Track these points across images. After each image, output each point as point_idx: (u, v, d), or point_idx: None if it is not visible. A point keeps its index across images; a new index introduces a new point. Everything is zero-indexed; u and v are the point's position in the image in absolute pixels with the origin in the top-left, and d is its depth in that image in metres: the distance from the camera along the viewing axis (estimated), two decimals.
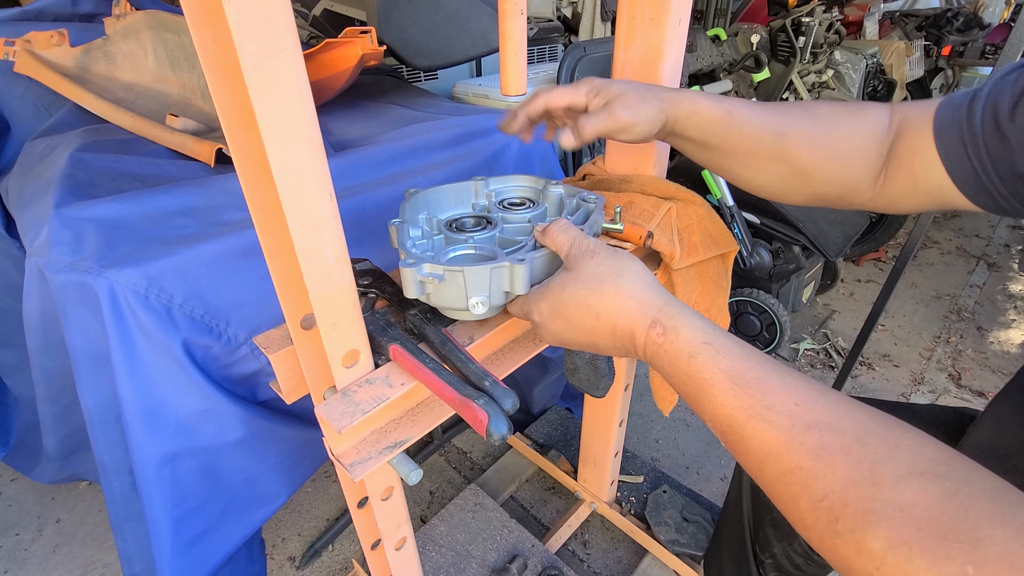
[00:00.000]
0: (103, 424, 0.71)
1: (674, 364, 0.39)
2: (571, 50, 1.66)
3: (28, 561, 1.25)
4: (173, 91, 1.24)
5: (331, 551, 1.28)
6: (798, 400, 0.33)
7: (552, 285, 0.45)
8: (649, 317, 0.40)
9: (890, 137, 0.54)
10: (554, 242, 0.47)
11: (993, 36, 3.95)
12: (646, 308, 0.41)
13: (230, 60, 0.31)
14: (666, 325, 0.39)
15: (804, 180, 0.56)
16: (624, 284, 0.42)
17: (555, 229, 0.47)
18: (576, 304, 0.43)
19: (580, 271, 0.44)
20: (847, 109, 0.56)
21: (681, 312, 0.40)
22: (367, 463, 0.47)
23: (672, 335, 0.39)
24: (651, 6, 0.58)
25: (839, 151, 0.54)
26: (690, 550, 1.08)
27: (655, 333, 0.40)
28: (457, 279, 0.46)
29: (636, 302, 0.41)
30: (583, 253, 0.44)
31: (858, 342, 1.52)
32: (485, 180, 0.61)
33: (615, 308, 0.42)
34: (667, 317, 0.40)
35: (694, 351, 0.38)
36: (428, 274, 0.45)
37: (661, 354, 0.40)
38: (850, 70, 2.70)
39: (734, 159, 0.58)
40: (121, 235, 0.70)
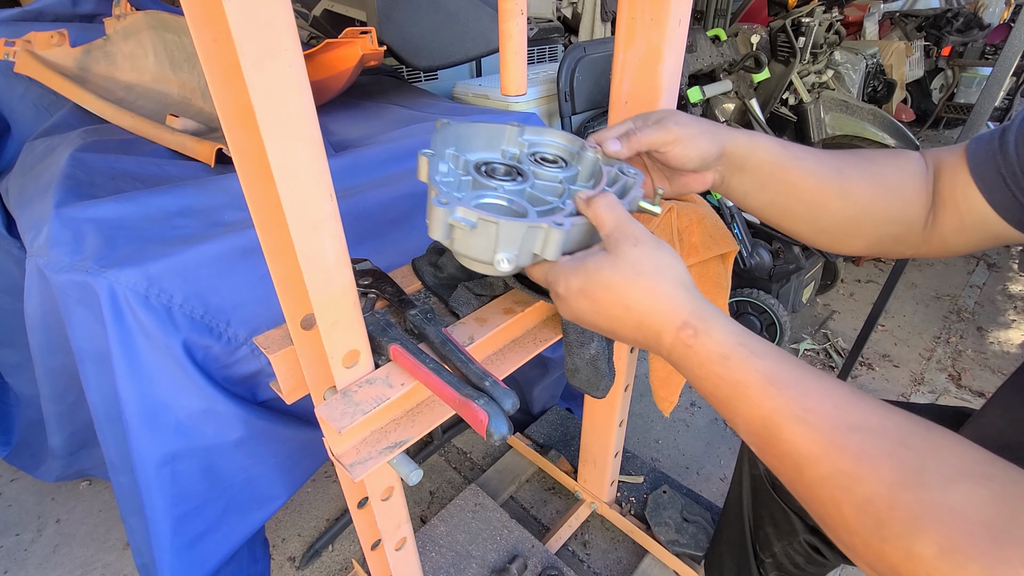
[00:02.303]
0: (110, 421, 0.71)
1: (704, 365, 0.38)
2: (571, 50, 1.66)
3: (28, 561, 1.25)
4: (173, 91, 1.24)
5: (331, 551, 1.28)
6: (837, 402, 0.33)
7: (587, 263, 0.42)
8: (680, 318, 0.39)
9: (930, 178, 0.54)
10: (597, 216, 0.44)
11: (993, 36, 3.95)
12: (678, 309, 0.40)
13: (230, 60, 0.31)
14: (697, 327, 0.38)
15: (865, 220, 0.55)
16: (662, 282, 0.40)
17: (601, 203, 0.44)
18: (608, 289, 0.41)
19: (620, 256, 0.41)
20: (885, 152, 0.56)
21: (713, 315, 0.39)
22: (367, 463, 0.47)
23: (704, 336, 0.38)
24: (651, 6, 0.58)
25: (894, 188, 0.54)
26: (690, 550, 1.08)
27: (685, 335, 0.39)
28: (489, 230, 0.42)
29: (669, 301, 0.40)
30: (626, 238, 0.42)
31: (858, 342, 1.52)
32: (520, 127, 0.57)
33: (647, 304, 0.40)
34: (698, 319, 0.39)
35: (728, 352, 0.37)
36: (460, 218, 0.42)
37: (690, 355, 0.39)
38: (850, 70, 2.70)
39: (796, 199, 0.56)
40: (121, 235, 0.70)
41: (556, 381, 1.41)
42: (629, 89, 0.65)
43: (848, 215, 0.55)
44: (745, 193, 0.58)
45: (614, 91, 0.66)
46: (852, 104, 2.33)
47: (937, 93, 4.08)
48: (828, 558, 0.75)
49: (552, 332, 0.62)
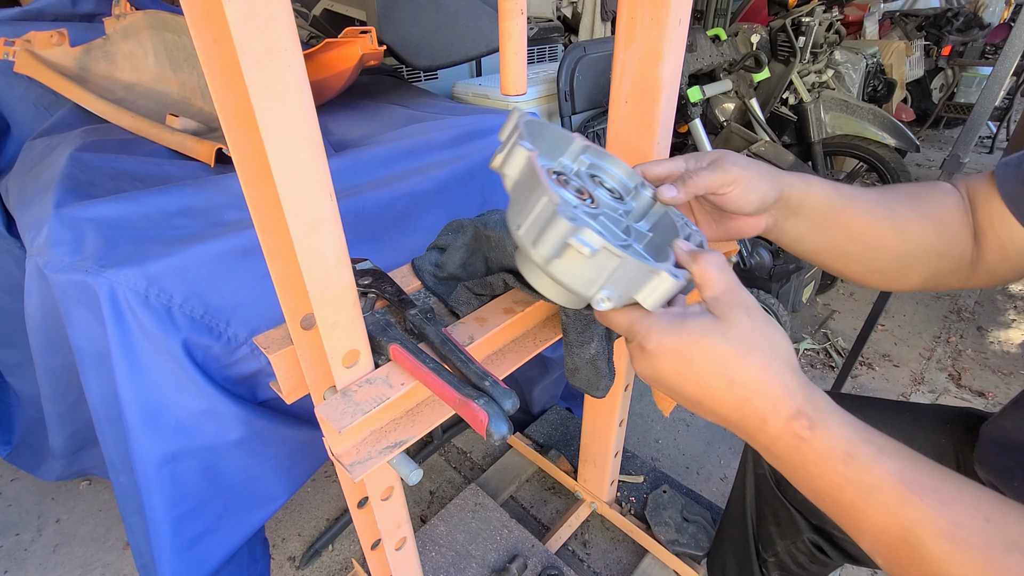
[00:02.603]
0: (110, 421, 0.71)
1: (823, 463, 0.34)
2: (571, 50, 1.66)
3: (28, 561, 1.25)
4: (173, 91, 1.24)
5: (331, 551, 1.28)
6: (988, 515, 0.30)
7: (692, 324, 0.37)
8: (793, 405, 0.35)
9: (968, 208, 0.54)
10: (704, 274, 0.39)
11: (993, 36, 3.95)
12: (791, 395, 0.35)
13: (230, 60, 0.31)
14: (813, 417, 0.34)
15: (920, 256, 0.54)
16: (775, 361, 0.36)
17: (712, 261, 0.39)
18: (712, 358, 0.36)
19: (732, 324, 0.37)
20: (924, 186, 0.55)
21: (830, 405, 0.35)
22: (367, 463, 0.47)
23: (822, 429, 0.34)
24: (651, 6, 0.58)
25: (943, 221, 0.53)
26: (690, 550, 1.08)
27: (799, 425, 0.35)
28: (607, 264, 0.37)
29: (782, 385, 0.35)
30: (738, 305, 0.37)
31: (858, 342, 1.52)
32: (585, 143, 0.51)
33: (756, 383, 0.36)
34: (814, 408, 0.35)
35: (852, 449, 0.33)
36: (583, 241, 0.35)
37: (804, 449, 0.35)
38: (850, 70, 2.70)
39: (852, 240, 0.54)
40: (121, 235, 0.70)
41: (556, 381, 1.41)
42: (629, 89, 0.65)
43: (903, 252, 0.54)
44: (799, 237, 0.55)
45: (614, 91, 0.66)
46: (852, 104, 2.33)
47: (937, 93, 4.08)
48: (831, 557, 0.75)
49: (552, 332, 0.62)
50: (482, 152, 1.05)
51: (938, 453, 0.66)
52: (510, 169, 0.42)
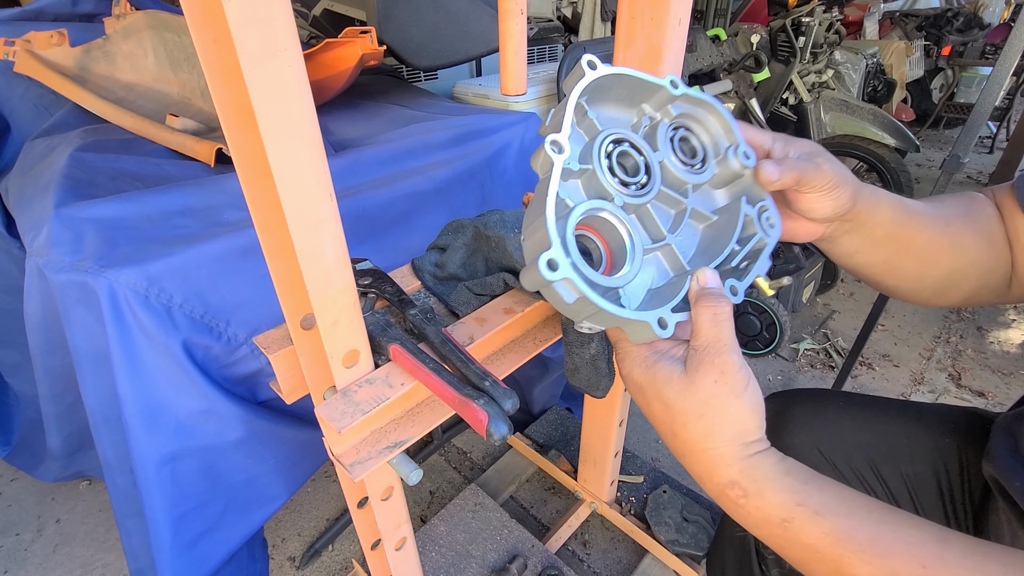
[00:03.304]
0: (106, 422, 0.71)
1: (763, 527, 0.36)
2: (571, 50, 1.66)
3: (28, 561, 1.25)
4: (173, 91, 1.24)
5: (331, 551, 1.28)
6: (924, 561, 0.31)
7: (659, 369, 0.39)
8: (727, 476, 0.37)
9: (1001, 219, 0.53)
10: (695, 322, 0.39)
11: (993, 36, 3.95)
12: (727, 466, 0.37)
13: (230, 60, 0.31)
14: (747, 488, 0.36)
15: (970, 271, 0.53)
16: (717, 434, 0.37)
17: (709, 313, 0.38)
18: (665, 407, 0.39)
19: (695, 385, 0.38)
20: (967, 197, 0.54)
21: (769, 472, 0.36)
22: (367, 463, 0.47)
23: (756, 499, 0.36)
24: (651, 6, 0.58)
25: (989, 234, 0.52)
26: (690, 550, 1.08)
27: (733, 493, 0.37)
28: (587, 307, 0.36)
29: (719, 456, 0.37)
30: (711, 367, 0.37)
31: (858, 342, 1.52)
32: (679, 88, 0.44)
33: (696, 445, 0.38)
34: (749, 479, 0.36)
35: (787, 515, 0.35)
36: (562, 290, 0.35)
37: (742, 515, 0.37)
38: (850, 70, 2.70)
39: (908, 256, 0.52)
40: (121, 235, 0.70)
41: (556, 381, 1.41)
42: None
43: (955, 268, 0.52)
44: (854, 251, 0.53)
45: None
46: (852, 104, 2.33)
47: (937, 93, 4.08)
48: None
49: (552, 332, 0.62)
50: (482, 152, 1.05)
51: (941, 452, 0.66)
52: (538, 167, 0.39)
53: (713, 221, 0.45)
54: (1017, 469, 0.53)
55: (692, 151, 0.45)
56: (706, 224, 0.45)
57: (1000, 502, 0.57)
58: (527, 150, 1.12)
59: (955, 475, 0.65)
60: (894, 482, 0.67)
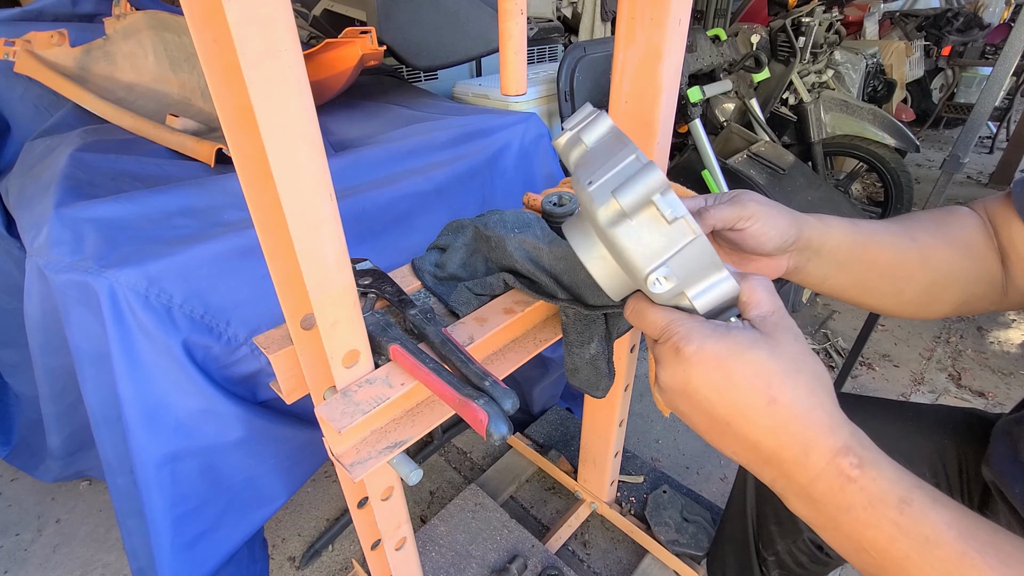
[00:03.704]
0: (107, 422, 0.71)
1: (874, 508, 0.31)
2: (571, 50, 1.66)
3: (28, 561, 1.25)
4: (173, 91, 1.24)
5: (331, 551, 1.28)
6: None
7: (737, 334, 0.34)
8: (840, 439, 0.32)
9: (991, 231, 0.53)
10: (753, 293, 0.37)
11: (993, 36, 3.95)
12: (838, 427, 0.33)
13: (230, 60, 0.31)
14: (863, 456, 0.32)
15: (949, 283, 0.53)
16: (820, 388, 0.33)
17: (763, 283, 0.37)
18: (757, 372, 0.33)
19: (780, 343, 0.34)
20: (943, 211, 0.54)
21: (875, 445, 0.33)
22: (367, 463, 0.47)
23: (873, 469, 0.31)
24: (651, 6, 0.58)
25: (967, 246, 0.52)
26: (690, 550, 1.08)
27: (847, 462, 0.31)
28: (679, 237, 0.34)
29: (828, 415, 0.33)
30: (787, 328, 0.35)
31: (858, 342, 1.52)
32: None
33: (801, 406, 0.33)
34: (862, 446, 0.32)
35: (907, 495, 0.30)
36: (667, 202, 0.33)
37: (852, 491, 0.31)
38: (850, 70, 2.70)
39: (878, 274, 0.53)
40: (121, 235, 0.70)
41: (556, 381, 1.41)
42: (629, 89, 0.65)
43: (931, 280, 0.53)
44: (824, 276, 0.54)
45: (614, 91, 0.66)
46: (852, 104, 2.33)
47: (937, 93, 4.08)
48: (832, 557, 0.75)
49: (552, 332, 0.62)
50: (482, 152, 1.05)
51: (940, 453, 0.66)
52: (589, 136, 0.39)
53: None
54: (1017, 475, 0.53)
55: None
56: None
57: (1001, 505, 0.57)
58: (527, 150, 1.12)
59: (954, 476, 0.65)
60: None
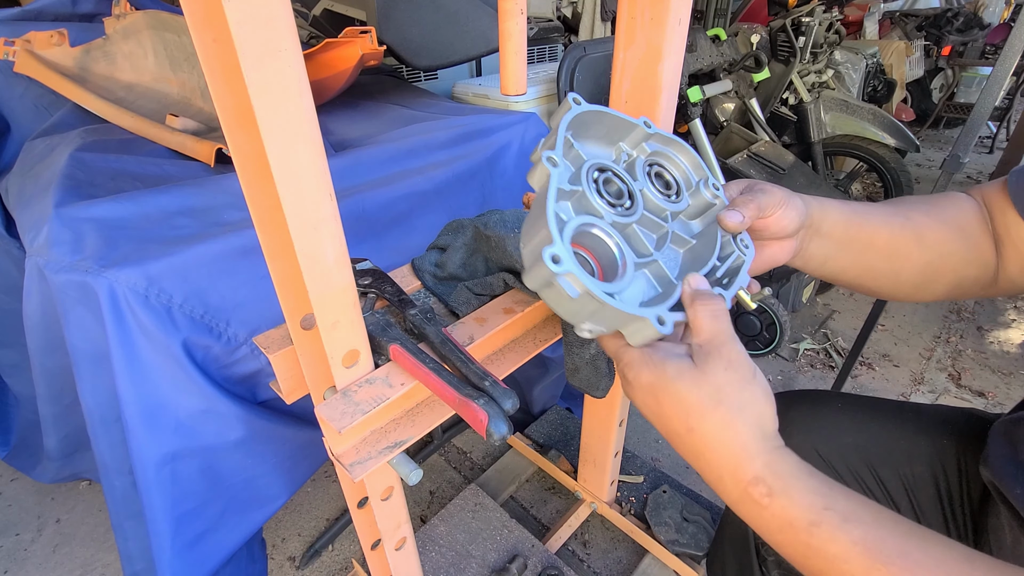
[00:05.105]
0: (104, 423, 0.71)
1: (785, 531, 0.34)
2: (571, 50, 1.66)
3: (28, 561, 1.25)
4: (173, 91, 1.24)
5: (331, 551, 1.28)
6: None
7: (668, 366, 0.38)
8: (751, 471, 0.34)
9: (986, 215, 0.53)
10: (696, 320, 0.39)
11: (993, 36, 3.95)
12: (751, 459, 0.35)
13: (230, 60, 0.31)
14: (773, 485, 0.34)
15: (944, 264, 0.54)
16: (739, 422, 0.35)
17: (707, 309, 0.39)
18: (677, 403, 0.37)
19: (706, 375, 0.36)
20: (939, 196, 0.55)
21: (794, 470, 0.34)
22: (367, 463, 0.47)
23: (781, 498, 0.33)
24: (651, 6, 0.58)
25: (963, 228, 0.53)
26: (690, 550, 1.08)
27: (757, 492, 0.34)
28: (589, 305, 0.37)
29: (741, 448, 0.35)
30: (720, 358, 0.37)
31: (858, 342, 1.52)
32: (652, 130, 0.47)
33: (713, 439, 0.36)
34: (774, 475, 0.34)
35: (814, 518, 0.32)
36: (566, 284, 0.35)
37: (765, 516, 0.34)
38: (850, 70, 2.70)
39: (875, 254, 0.54)
40: (121, 235, 0.70)
41: (556, 381, 1.41)
42: (629, 89, 0.65)
43: (927, 261, 0.53)
44: (825, 258, 0.55)
45: (614, 91, 0.66)
46: (852, 104, 2.33)
47: (937, 93, 4.08)
48: None
49: (552, 332, 0.62)
50: (482, 152, 1.05)
51: (939, 453, 0.66)
52: (535, 182, 0.41)
53: (693, 245, 0.47)
54: (1017, 476, 0.53)
55: (666, 184, 0.48)
56: (686, 248, 0.47)
57: (1000, 506, 0.57)
58: (527, 150, 1.12)
59: (953, 476, 0.65)
60: (892, 484, 0.67)
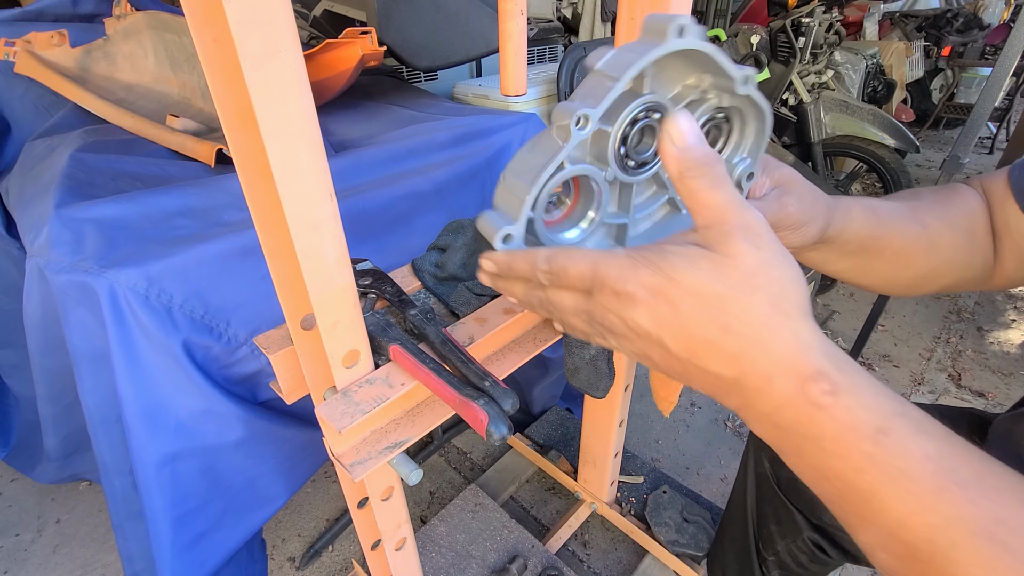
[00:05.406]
0: (104, 424, 0.71)
1: (844, 439, 0.26)
2: (571, 50, 1.66)
3: (28, 561, 1.25)
4: (173, 91, 1.24)
5: (331, 551, 1.28)
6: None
7: (673, 258, 0.29)
8: (811, 364, 0.27)
9: (987, 212, 0.53)
10: (696, 197, 0.29)
11: (993, 37, 3.95)
12: (807, 349, 0.27)
13: (230, 60, 0.31)
14: (838, 381, 0.27)
15: (946, 268, 0.52)
16: (785, 304, 0.28)
17: (704, 184, 0.29)
18: (703, 299, 0.28)
19: (729, 258, 0.28)
20: (948, 190, 0.53)
21: (855, 366, 0.28)
22: (367, 463, 0.47)
23: (848, 397, 0.26)
24: (651, 6, 0.58)
25: (968, 231, 0.52)
26: (690, 550, 1.08)
27: (818, 389, 0.27)
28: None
29: (794, 336, 0.27)
30: (738, 231, 0.28)
31: (858, 342, 1.52)
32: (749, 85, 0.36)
33: (760, 331, 0.27)
34: (839, 371, 0.27)
35: (885, 424, 0.26)
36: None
37: (821, 420, 0.27)
38: (850, 71, 2.70)
39: (883, 259, 0.51)
40: (121, 235, 0.70)
41: (556, 381, 1.41)
42: None
43: (931, 267, 0.52)
44: (823, 261, 0.51)
45: None
46: (852, 104, 2.33)
47: (937, 93, 4.08)
48: (832, 556, 0.75)
49: (552, 332, 0.62)
50: (482, 152, 1.05)
51: None
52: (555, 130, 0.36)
53: (683, 214, 0.44)
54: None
55: (712, 143, 0.41)
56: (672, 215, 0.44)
57: None
58: None
59: None
60: None
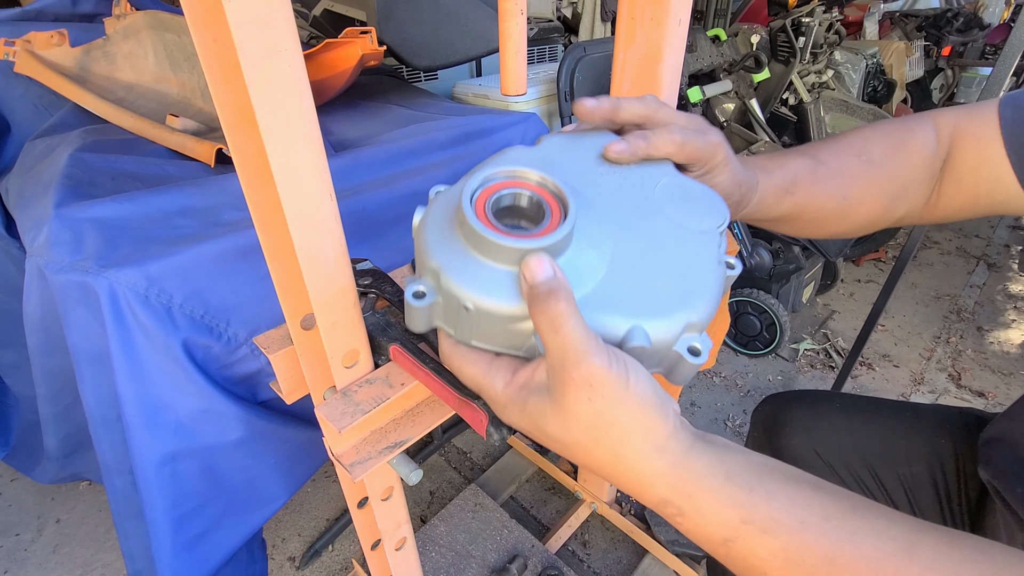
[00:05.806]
0: (105, 423, 0.71)
1: (704, 544, 0.31)
2: (571, 50, 1.66)
3: (28, 561, 1.25)
4: (173, 91, 1.24)
5: (331, 551, 1.28)
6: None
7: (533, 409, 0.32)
8: (656, 495, 0.31)
9: (941, 156, 0.51)
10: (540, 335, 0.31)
11: (993, 36, 3.95)
12: (652, 484, 0.31)
13: (230, 60, 0.31)
14: (681, 506, 0.31)
15: (862, 224, 0.54)
16: (625, 451, 0.31)
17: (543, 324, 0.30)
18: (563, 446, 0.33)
19: (568, 416, 0.31)
20: (895, 142, 0.52)
21: (703, 482, 0.30)
22: (367, 463, 0.47)
23: (693, 517, 0.31)
24: (651, 6, 0.58)
25: (896, 192, 0.52)
26: (690, 550, 1.08)
27: (667, 512, 0.32)
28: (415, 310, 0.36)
29: (637, 476, 0.31)
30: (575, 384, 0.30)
31: (858, 342, 1.52)
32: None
33: (611, 472, 0.32)
34: (681, 495, 0.31)
35: (729, 535, 0.30)
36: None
37: (684, 531, 0.32)
38: (850, 70, 2.70)
39: (802, 223, 0.53)
40: (121, 235, 0.70)
41: None
42: (629, 89, 0.65)
43: (847, 228, 0.54)
44: (751, 221, 0.54)
45: (614, 91, 0.66)
46: (852, 104, 2.33)
47: (937, 93, 4.07)
48: None
49: None
50: (482, 152, 1.05)
51: (938, 453, 0.66)
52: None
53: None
54: (1019, 475, 0.53)
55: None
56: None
57: (997, 504, 0.57)
58: None
59: (952, 476, 0.65)
60: (891, 484, 0.67)
